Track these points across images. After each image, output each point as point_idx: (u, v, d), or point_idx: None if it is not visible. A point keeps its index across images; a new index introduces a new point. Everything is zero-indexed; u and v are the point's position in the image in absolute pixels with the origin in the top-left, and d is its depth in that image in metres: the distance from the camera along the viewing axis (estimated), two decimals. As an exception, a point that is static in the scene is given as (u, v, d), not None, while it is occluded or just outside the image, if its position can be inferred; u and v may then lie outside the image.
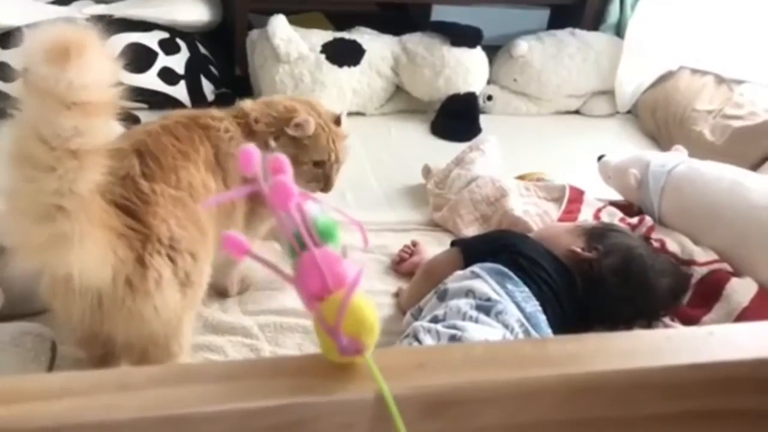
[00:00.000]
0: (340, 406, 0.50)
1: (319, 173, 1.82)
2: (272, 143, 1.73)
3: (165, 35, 2.91)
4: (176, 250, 1.45)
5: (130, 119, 2.54)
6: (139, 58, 2.83)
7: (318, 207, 0.64)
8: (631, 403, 0.55)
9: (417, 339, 1.59)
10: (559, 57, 3.15)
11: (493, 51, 3.18)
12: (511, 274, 1.71)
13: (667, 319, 1.85)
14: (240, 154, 0.64)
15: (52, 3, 2.90)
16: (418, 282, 1.89)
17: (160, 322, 1.45)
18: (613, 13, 3.35)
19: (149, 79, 2.83)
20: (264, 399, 0.49)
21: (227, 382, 0.51)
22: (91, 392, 0.49)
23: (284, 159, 0.64)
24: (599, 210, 2.27)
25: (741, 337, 0.61)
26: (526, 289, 1.70)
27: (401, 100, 3.07)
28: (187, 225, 1.48)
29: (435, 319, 1.64)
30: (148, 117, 2.65)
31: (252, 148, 0.64)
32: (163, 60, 2.86)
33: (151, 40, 2.87)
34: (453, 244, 1.96)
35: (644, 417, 0.58)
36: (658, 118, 3.06)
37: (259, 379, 0.52)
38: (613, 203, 2.32)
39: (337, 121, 1.90)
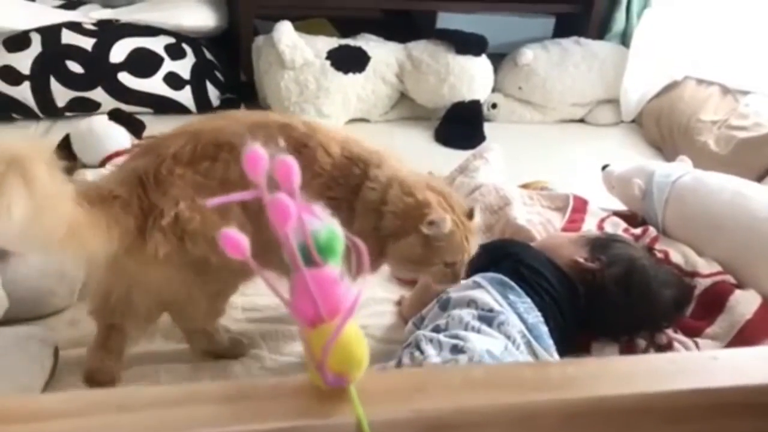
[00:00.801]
0: (338, 429, 0.50)
1: (448, 272, 1.64)
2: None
3: (171, 40, 2.92)
4: (185, 231, 1.48)
5: (135, 123, 2.55)
6: (144, 63, 2.84)
7: (320, 220, 0.63)
8: (631, 428, 0.55)
9: (419, 348, 1.58)
10: (564, 65, 3.15)
11: (498, 59, 3.18)
12: (513, 284, 1.71)
13: (669, 331, 1.85)
14: (246, 156, 0.63)
15: (59, 7, 2.91)
16: (420, 291, 1.88)
17: (165, 294, 1.56)
18: (618, 22, 3.35)
19: (155, 84, 2.84)
20: (263, 422, 0.49)
21: (226, 404, 0.51)
22: (89, 413, 0.49)
23: (293, 163, 0.63)
24: (603, 220, 2.26)
25: (745, 362, 0.60)
26: (528, 299, 1.69)
27: (405, 107, 3.07)
28: (207, 213, 1.48)
29: (437, 329, 1.63)
30: (153, 122, 2.66)
31: (259, 150, 0.63)
32: (168, 65, 2.86)
33: (157, 45, 2.88)
34: (456, 253, 1.95)
35: (645, 440, 0.57)
36: (663, 128, 3.05)
37: (258, 401, 0.52)
38: (617, 213, 2.32)
39: (470, 214, 1.67)
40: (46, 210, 1.25)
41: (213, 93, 2.94)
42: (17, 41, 2.75)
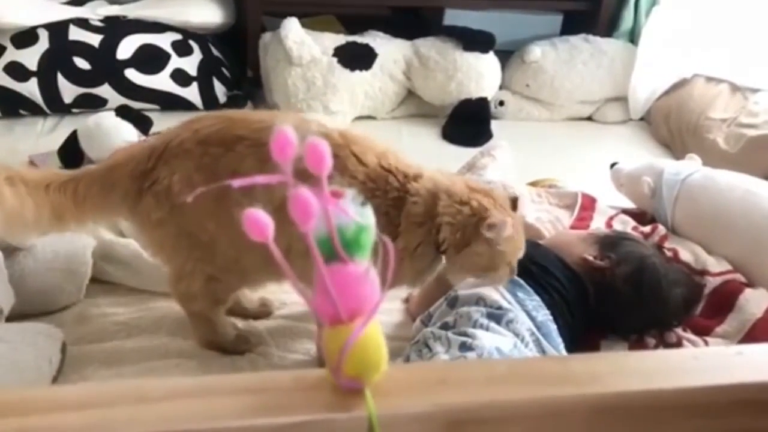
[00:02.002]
0: (359, 423, 0.49)
1: (509, 270, 1.63)
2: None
3: (178, 37, 2.91)
4: (172, 203, 1.53)
5: (142, 120, 2.54)
6: (151, 60, 2.84)
7: (349, 213, 0.61)
8: (655, 424, 0.54)
9: (427, 346, 1.57)
10: (572, 63, 3.14)
11: (505, 56, 3.18)
12: (522, 282, 1.70)
13: (679, 330, 1.84)
14: (274, 137, 0.61)
15: (67, 3, 2.91)
16: (428, 288, 1.87)
17: (161, 255, 1.66)
18: (627, 19, 3.34)
19: (161, 81, 2.84)
20: (284, 415, 0.48)
21: (247, 396, 0.50)
22: (109, 405, 0.48)
23: (325, 148, 0.61)
24: (612, 218, 2.25)
25: (769, 358, 0.59)
26: (537, 297, 1.69)
27: (413, 104, 3.07)
28: (201, 193, 1.48)
29: (445, 326, 1.63)
30: (159, 118, 2.66)
31: (289, 132, 0.61)
32: (175, 61, 2.86)
33: (164, 41, 2.88)
34: (464, 250, 1.94)
35: (669, 437, 0.57)
36: (672, 126, 3.04)
37: (278, 393, 0.51)
38: (626, 211, 2.31)
39: (514, 205, 1.69)
40: None
41: (220, 90, 2.94)
42: (24, 37, 2.75)
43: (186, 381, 0.52)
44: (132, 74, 2.80)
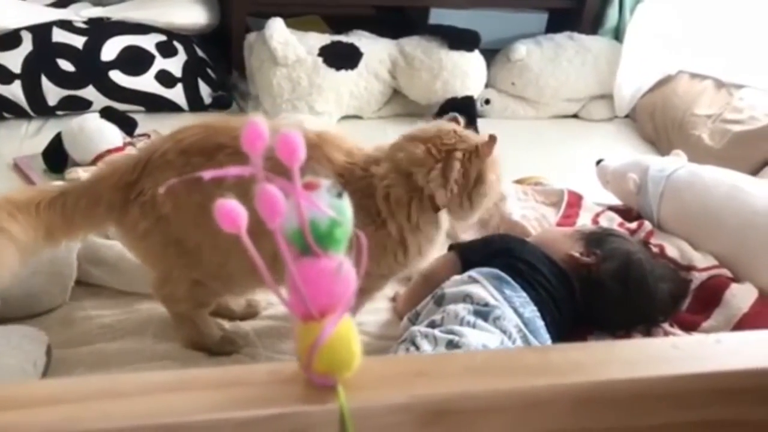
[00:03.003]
0: (333, 415, 0.49)
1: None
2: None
3: (162, 38, 2.90)
4: (158, 213, 1.54)
5: (127, 122, 2.54)
6: (136, 61, 2.82)
7: (322, 206, 0.61)
8: (636, 414, 0.54)
9: (414, 344, 1.57)
10: (557, 61, 3.14)
11: (491, 55, 3.18)
12: (509, 279, 1.70)
13: (666, 325, 1.84)
14: (245, 129, 0.61)
15: (50, 5, 2.89)
16: (415, 286, 1.88)
17: (148, 263, 1.67)
18: (611, 17, 3.35)
19: (146, 82, 2.83)
20: (258, 408, 0.48)
21: (222, 390, 0.50)
22: (82, 400, 0.48)
23: (298, 140, 0.61)
24: (598, 215, 2.25)
25: (749, 346, 0.59)
26: (524, 294, 1.69)
27: (399, 103, 3.06)
28: (183, 200, 1.51)
29: (432, 324, 1.62)
30: (144, 120, 2.65)
31: (260, 124, 0.61)
32: (160, 63, 2.85)
33: (148, 42, 2.87)
34: (450, 248, 1.94)
35: (651, 427, 0.56)
36: (657, 123, 3.05)
37: (253, 387, 0.51)
38: (612, 208, 2.31)
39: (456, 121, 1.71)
40: None
41: (205, 91, 2.93)
42: (8, 40, 2.73)
43: (160, 375, 0.51)
44: (116, 76, 2.78)
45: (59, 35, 2.76)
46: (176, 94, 2.87)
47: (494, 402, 0.51)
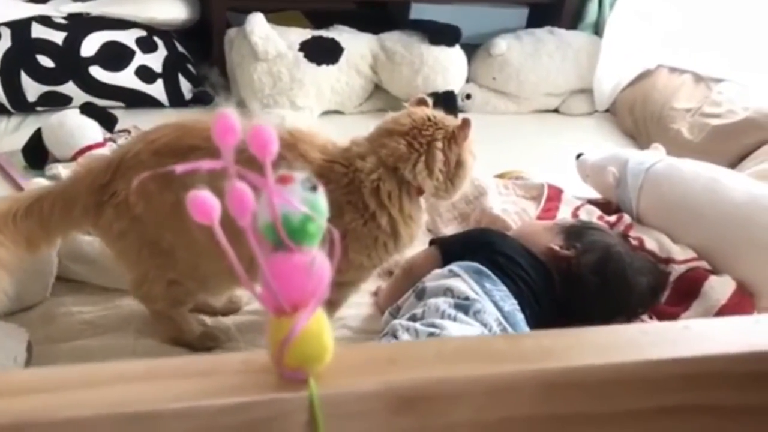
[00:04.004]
0: (306, 402, 0.49)
1: None
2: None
3: (142, 33, 2.90)
4: (132, 214, 1.55)
5: (107, 117, 2.53)
6: (116, 57, 2.81)
7: (295, 196, 0.60)
8: (607, 399, 0.55)
9: (395, 337, 1.57)
10: (537, 55, 3.15)
11: (471, 49, 3.19)
12: (489, 272, 1.70)
13: (645, 317, 1.85)
14: (216, 122, 0.61)
15: (29, 1, 2.88)
16: (396, 281, 1.88)
17: (125, 264, 1.67)
18: (591, 11, 3.36)
19: (126, 78, 2.82)
20: (232, 396, 0.48)
21: (194, 379, 0.50)
22: (55, 389, 0.48)
23: (270, 133, 0.61)
24: (577, 208, 2.26)
25: (717, 332, 0.60)
26: (504, 287, 1.69)
27: (380, 98, 3.07)
28: (155, 200, 1.52)
29: (413, 318, 1.63)
30: (125, 115, 2.64)
31: (231, 116, 0.61)
32: (140, 58, 2.84)
33: (128, 38, 2.86)
34: (431, 242, 1.95)
35: (622, 412, 0.57)
36: (637, 117, 3.07)
37: (226, 375, 0.51)
38: (592, 201, 2.32)
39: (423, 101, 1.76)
40: None
41: (185, 86, 2.92)
42: (-13, 35, 2.72)
43: (133, 364, 0.52)
44: (96, 72, 2.77)
45: (38, 31, 2.74)
46: (157, 89, 2.87)
47: (465, 388, 0.52)
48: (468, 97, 3.15)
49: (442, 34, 3.00)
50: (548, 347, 0.55)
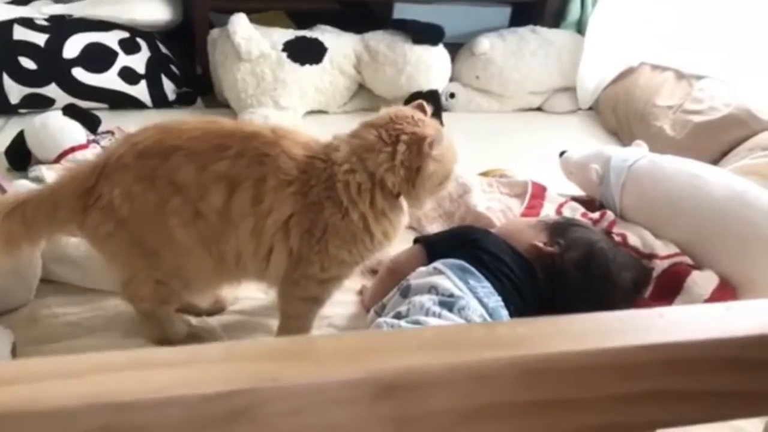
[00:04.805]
0: (290, 392, 0.50)
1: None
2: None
3: (125, 35, 2.89)
4: (117, 216, 1.55)
5: (90, 119, 2.52)
6: (98, 58, 2.81)
7: None
8: (584, 384, 0.56)
9: (380, 335, 1.58)
10: (520, 54, 3.17)
11: (455, 48, 3.20)
12: (473, 269, 1.71)
13: (628, 312, 1.86)
14: None
15: (11, 3, 2.87)
16: (381, 279, 1.89)
17: (114, 266, 1.67)
18: (573, 10, 3.38)
19: (109, 79, 2.82)
20: (215, 385, 0.49)
21: (175, 369, 0.50)
22: (36, 380, 0.48)
23: None
24: (561, 205, 2.27)
25: (691, 319, 0.61)
26: (488, 284, 1.70)
27: (364, 98, 3.08)
28: (140, 203, 1.54)
29: (398, 315, 1.63)
30: (108, 117, 2.64)
31: None
32: (123, 59, 2.84)
33: (111, 39, 2.86)
34: (416, 240, 1.95)
35: (599, 398, 0.58)
36: (619, 114, 3.08)
37: (207, 365, 0.51)
38: (575, 198, 2.33)
39: (422, 108, 1.68)
40: None
41: (169, 87, 2.92)
42: (-32, 37, 2.71)
43: (114, 355, 0.52)
44: (79, 73, 2.77)
45: (21, 33, 2.74)
46: (140, 90, 2.87)
47: (444, 376, 0.53)
48: (452, 96, 3.16)
49: (425, 34, 3.01)
50: (525, 335, 0.56)
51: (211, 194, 1.54)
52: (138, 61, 2.87)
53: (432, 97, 2.99)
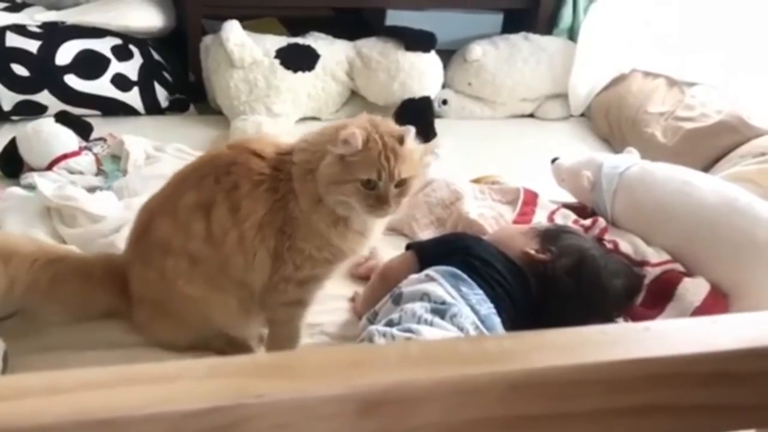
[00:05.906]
0: (274, 408, 0.50)
1: (371, 194, 1.52)
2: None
3: (118, 41, 2.89)
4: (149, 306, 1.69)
5: (82, 126, 2.52)
6: (91, 65, 2.81)
7: None
8: (570, 399, 0.55)
9: (372, 342, 1.58)
10: (512, 61, 3.17)
11: (447, 55, 3.20)
12: (465, 276, 1.71)
13: (620, 320, 1.86)
14: None
15: (3, 9, 2.87)
16: (373, 286, 1.88)
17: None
18: (566, 17, 3.39)
19: (102, 86, 2.81)
20: (199, 401, 0.49)
21: (160, 385, 0.50)
22: (19, 396, 0.48)
23: None
24: (553, 212, 2.28)
25: (677, 333, 0.61)
26: (481, 291, 1.70)
27: (357, 104, 3.07)
28: (152, 285, 1.66)
29: (390, 323, 1.63)
30: (101, 124, 2.64)
31: None
32: (115, 66, 2.84)
33: (103, 46, 2.85)
34: (408, 247, 1.95)
35: (587, 412, 0.58)
36: (611, 121, 3.09)
37: (191, 381, 0.51)
38: (567, 205, 2.33)
39: (401, 139, 1.54)
40: None
41: (161, 94, 2.92)
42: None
43: (98, 371, 0.52)
44: (72, 80, 2.76)
45: (13, 39, 2.73)
46: (132, 97, 2.86)
47: (430, 391, 0.52)
48: (444, 102, 3.17)
49: (417, 40, 3.01)
50: (511, 349, 0.56)
51: (193, 229, 1.58)
52: (131, 68, 2.87)
53: (425, 103, 3.00)
